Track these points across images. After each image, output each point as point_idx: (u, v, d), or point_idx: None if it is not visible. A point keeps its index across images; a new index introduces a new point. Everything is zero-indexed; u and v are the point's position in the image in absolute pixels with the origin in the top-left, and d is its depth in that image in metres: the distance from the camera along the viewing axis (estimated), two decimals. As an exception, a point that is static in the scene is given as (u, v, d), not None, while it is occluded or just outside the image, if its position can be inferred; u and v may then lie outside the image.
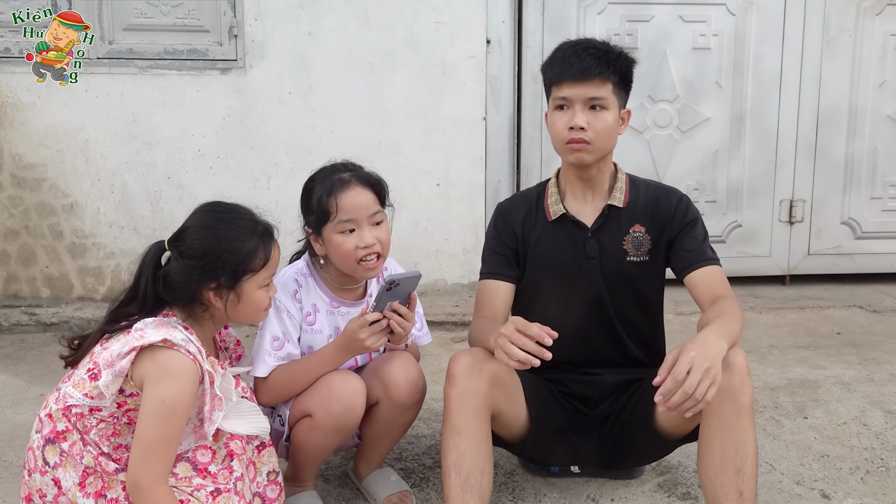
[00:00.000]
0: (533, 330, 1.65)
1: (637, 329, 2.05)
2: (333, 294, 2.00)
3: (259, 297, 1.71)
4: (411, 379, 1.93)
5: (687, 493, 2.15)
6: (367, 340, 1.82)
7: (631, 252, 1.99)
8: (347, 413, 1.86)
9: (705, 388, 1.57)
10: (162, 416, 1.53)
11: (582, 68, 1.86)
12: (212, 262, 1.64)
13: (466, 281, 4.04)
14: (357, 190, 1.88)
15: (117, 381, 1.57)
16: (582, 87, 1.87)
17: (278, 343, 1.91)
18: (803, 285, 4.26)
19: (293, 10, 3.79)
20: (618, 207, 2.00)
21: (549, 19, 3.95)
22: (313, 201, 1.90)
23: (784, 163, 4.19)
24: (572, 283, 2.02)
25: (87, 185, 3.82)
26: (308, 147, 3.87)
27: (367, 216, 1.88)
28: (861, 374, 3.03)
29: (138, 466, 1.53)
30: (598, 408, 2.04)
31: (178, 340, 1.56)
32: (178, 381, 1.55)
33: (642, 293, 2.04)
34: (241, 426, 1.70)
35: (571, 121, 1.88)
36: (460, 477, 1.74)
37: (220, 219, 1.69)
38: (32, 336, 3.57)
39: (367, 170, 1.95)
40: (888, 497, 2.13)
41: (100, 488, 1.60)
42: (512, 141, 4.02)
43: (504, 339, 1.67)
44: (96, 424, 1.61)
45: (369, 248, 1.87)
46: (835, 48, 4.11)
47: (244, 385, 1.78)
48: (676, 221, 1.98)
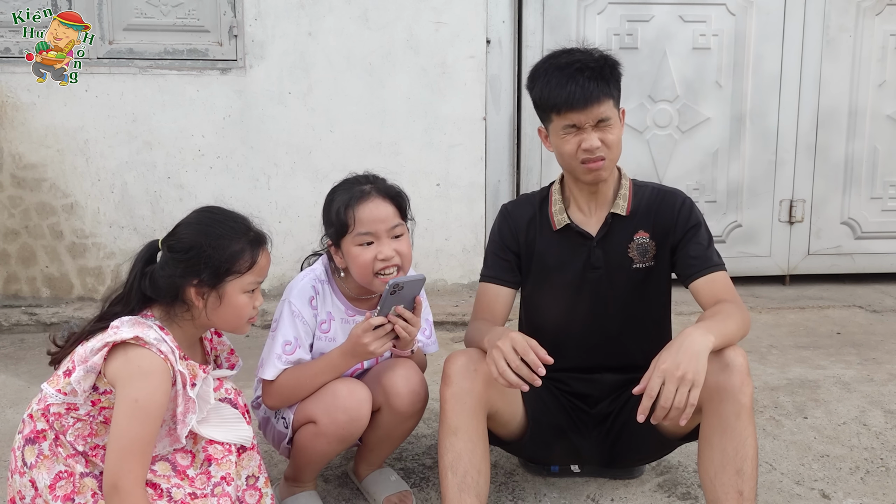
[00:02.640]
0: (530, 356, 1.66)
1: (645, 335, 2.04)
2: (350, 303, 1.98)
3: (241, 303, 1.68)
4: (413, 388, 1.91)
5: (687, 493, 2.15)
6: (372, 345, 1.80)
7: (637, 259, 1.98)
8: (352, 423, 1.85)
9: (684, 396, 1.59)
10: (136, 415, 1.52)
11: (584, 95, 1.82)
12: (196, 256, 1.63)
13: (466, 281, 4.04)
14: (376, 202, 1.86)
15: (89, 377, 1.57)
16: (589, 112, 1.84)
17: (290, 347, 1.89)
18: (803, 285, 4.26)
19: (293, 10, 3.79)
20: (621, 215, 1.99)
21: (549, 19, 3.95)
22: (332, 214, 1.89)
23: (784, 163, 4.19)
24: (578, 292, 2.01)
25: (87, 185, 3.82)
26: (308, 147, 3.87)
27: (387, 229, 1.86)
28: (861, 374, 3.03)
29: (116, 468, 1.51)
30: (597, 406, 2.04)
31: (150, 339, 1.55)
32: (149, 380, 1.54)
33: (651, 298, 2.03)
34: (220, 433, 1.68)
35: (585, 143, 1.85)
36: (457, 476, 1.75)
37: (212, 218, 1.70)
38: (32, 336, 3.57)
39: (390, 182, 1.93)
40: (888, 497, 2.13)
41: (69, 492, 1.57)
42: (512, 141, 4.02)
43: (499, 354, 1.68)
44: (73, 424, 1.60)
45: (388, 260, 1.85)
46: (835, 48, 4.10)
47: (229, 386, 1.75)
48: (680, 226, 1.96)
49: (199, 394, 1.65)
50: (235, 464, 1.70)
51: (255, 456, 1.76)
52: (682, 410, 1.59)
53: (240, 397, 1.76)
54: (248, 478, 1.75)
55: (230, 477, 1.67)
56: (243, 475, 1.74)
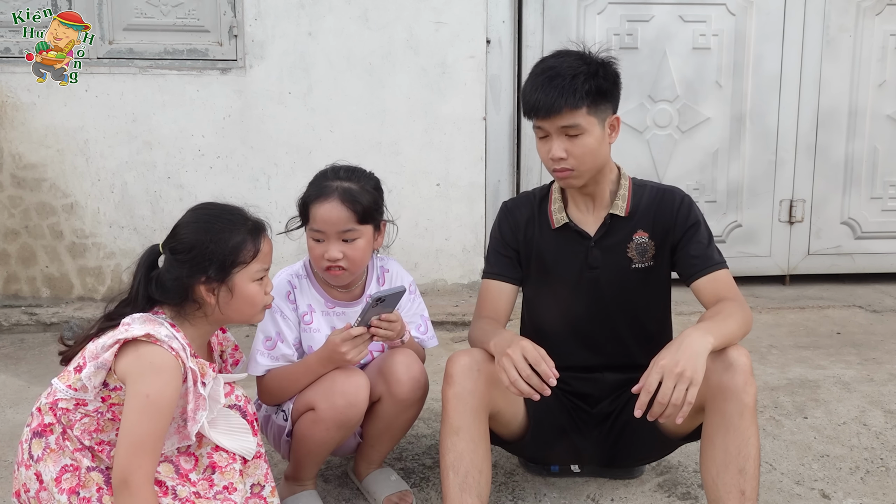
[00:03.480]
0: (541, 367, 1.67)
1: (646, 334, 2.03)
2: (328, 295, 2.03)
3: (252, 292, 1.70)
4: (413, 375, 1.94)
5: (687, 493, 2.15)
6: (349, 354, 1.84)
7: (636, 259, 1.98)
8: (350, 407, 1.87)
9: (682, 393, 1.59)
10: (147, 411, 1.53)
11: (547, 104, 1.82)
12: (200, 254, 1.64)
13: (466, 281, 4.04)
14: (333, 205, 1.89)
15: (100, 374, 1.58)
16: (552, 120, 1.84)
17: (270, 343, 1.95)
18: (803, 285, 4.26)
19: (293, 10, 3.79)
20: (620, 216, 1.98)
21: (549, 19, 3.95)
22: (301, 200, 1.96)
23: (784, 163, 4.19)
24: (576, 292, 2.01)
25: (87, 185, 3.82)
26: (308, 147, 3.87)
27: (336, 231, 1.89)
28: (861, 373, 3.03)
29: (127, 463, 1.51)
30: (598, 405, 2.04)
31: (161, 336, 1.56)
32: (161, 376, 1.54)
33: (650, 298, 2.03)
34: (227, 440, 1.68)
35: (550, 152, 1.88)
36: (458, 476, 1.75)
37: (209, 214, 1.71)
38: (32, 336, 3.57)
39: (358, 187, 1.92)
40: (888, 497, 2.13)
41: (74, 485, 1.59)
42: (512, 141, 4.02)
43: (509, 363, 1.68)
44: (80, 419, 1.61)
45: (333, 261, 1.90)
46: (835, 48, 4.10)
47: (240, 393, 1.75)
48: (679, 225, 1.96)
49: (210, 393, 1.65)
50: (241, 472, 1.70)
51: (262, 465, 1.76)
52: (680, 407, 1.59)
53: (249, 405, 1.76)
54: (253, 486, 1.74)
55: (233, 487, 1.67)
56: (248, 483, 1.73)
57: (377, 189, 1.98)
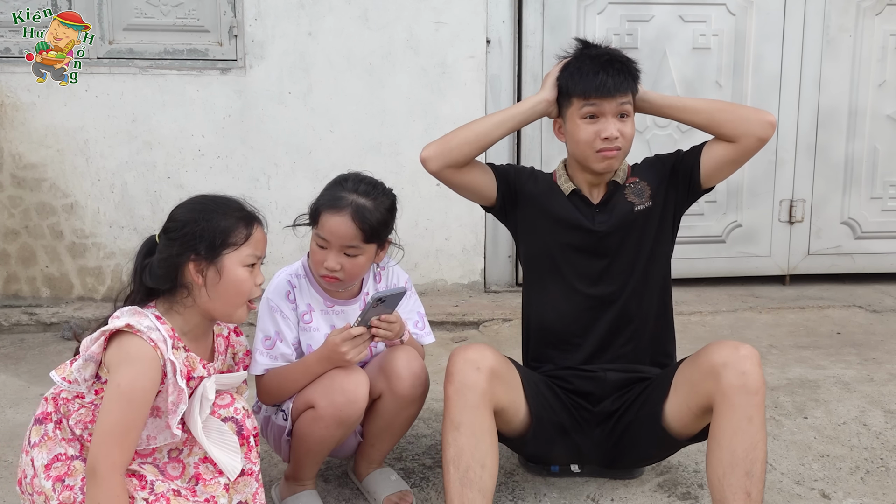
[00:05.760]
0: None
1: (649, 315, 2.06)
2: (327, 294, 2.03)
3: (241, 276, 1.67)
4: (414, 371, 1.95)
5: (687, 493, 2.15)
6: (349, 354, 1.85)
7: (636, 202, 2.04)
8: (350, 405, 1.87)
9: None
10: (118, 401, 1.53)
11: (615, 84, 1.92)
12: (191, 231, 1.65)
13: (466, 281, 4.04)
14: (343, 220, 1.88)
15: (89, 366, 1.60)
16: (614, 101, 1.93)
17: (269, 342, 1.95)
18: (803, 285, 4.26)
19: (293, 10, 3.79)
20: (620, 183, 2.06)
21: (549, 19, 3.95)
22: (314, 202, 1.95)
23: (784, 163, 4.19)
24: (579, 253, 2.04)
25: (87, 185, 3.82)
26: (308, 147, 3.87)
27: (340, 245, 1.90)
28: (861, 373, 3.03)
29: (97, 452, 1.53)
30: (600, 404, 2.04)
31: (141, 327, 1.57)
32: (134, 366, 1.55)
33: (654, 246, 2.05)
34: (215, 451, 1.66)
35: (605, 131, 1.93)
36: (459, 471, 1.76)
37: (205, 198, 1.73)
38: (32, 336, 3.57)
39: (372, 206, 1.91)
40: (888, 497, 2.13)
41: (62, 473, 1.61)
42: (512, 140, 4.01)
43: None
44: (77, 409, 1.64)
45: (331, 270, 1.91)
46: (835, 48, 4.10)
47: (240, 406, 1.72)
48: (667, 162, 2.08)
49: (202, 391, 1.65)
50: (226, 486, 1.67)
51: (253, 483, 1.72)
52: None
53: (248, 419, 1.72)
54: (239, 503, 1.71)
55: (214, 501, 1.65)
56: (235, 499, 1.70)
57: (390, 210, 1.98)
